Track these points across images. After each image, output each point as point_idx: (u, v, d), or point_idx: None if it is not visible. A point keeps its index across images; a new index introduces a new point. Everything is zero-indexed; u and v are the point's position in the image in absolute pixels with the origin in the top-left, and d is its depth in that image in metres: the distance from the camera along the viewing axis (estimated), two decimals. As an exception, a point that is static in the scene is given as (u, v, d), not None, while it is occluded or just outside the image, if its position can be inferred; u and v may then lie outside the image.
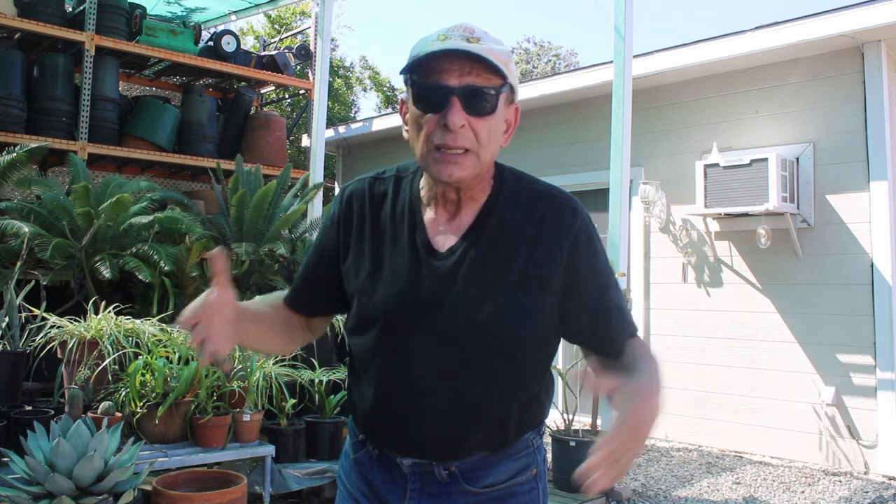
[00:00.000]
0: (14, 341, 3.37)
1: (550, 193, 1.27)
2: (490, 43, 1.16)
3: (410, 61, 1.16)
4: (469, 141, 1.16)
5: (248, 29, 13.51)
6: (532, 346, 1.23)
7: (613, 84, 4.58)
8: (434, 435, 1.23)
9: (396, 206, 1.29)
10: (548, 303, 1.21)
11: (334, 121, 11.54)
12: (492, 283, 1.20)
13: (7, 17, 5.15)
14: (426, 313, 1.20)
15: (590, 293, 1.24)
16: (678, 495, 4.34)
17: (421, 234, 1.25)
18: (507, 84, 1.18)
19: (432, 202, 1.27)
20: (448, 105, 1.14)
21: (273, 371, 3.55)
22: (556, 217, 1.23)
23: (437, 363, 1.20)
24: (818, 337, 5.18)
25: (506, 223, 1.23)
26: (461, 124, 1.14)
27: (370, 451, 1.32)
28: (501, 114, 1.20)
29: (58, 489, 2.38)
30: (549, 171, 6.66)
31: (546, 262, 1.21)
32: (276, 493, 3.45)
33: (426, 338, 1.20)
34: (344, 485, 1.38)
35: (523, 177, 1.30)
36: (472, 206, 1.25)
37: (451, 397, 1.21)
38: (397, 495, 1.28)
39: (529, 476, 1.31)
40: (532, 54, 23.59)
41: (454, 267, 1.21)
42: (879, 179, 4.96)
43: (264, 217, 5.15)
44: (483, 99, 1.15)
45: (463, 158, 1.16)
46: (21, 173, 4.50)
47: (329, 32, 6.68)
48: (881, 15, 4.72)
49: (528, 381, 1.25)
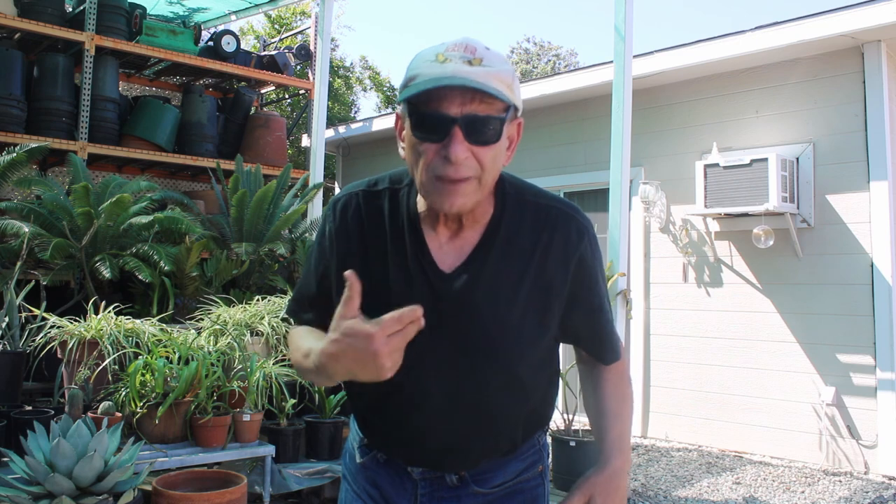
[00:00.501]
0: (14, 341, 3.37)
1: (556, 210, 1.23)
2: (493, 62, 1.09)
3: (409, 90, 1.08)
4: (472, 170, 1.10)
5: (248, 29, 13.51)
6: (540, 361, 1.25)
7: (613, 84, 4.58)
8: (444, 450, 1.24)
9: (395, 224, 1.23)
10: (553, 321, 1.23)
11: (334, 121, 11.54)
12: (501, 305, 1.19)
13: (7, 17, 5.15)
14: (434, 336, 1.14)
15: (586, 311, 1.27)
16: (678, 495, 4.34)
17: (425, 255, 1.20)
18: (512, 107, 1.12)
19: (433, 221, 1.21)
20: (450, 136, 1.07)
21: (273, 371, 3.55)
22: (563, 237, 1.21)
23: (444, 383, 1.20)
24: (818, 337, 5.18)
25: (512, 243, 1.20)
26: (465, 156, 1.08)
27: (377, 456, 1.32)
28: (505, 135, 1.14)
29: (58, 489, 2.38)
30: (549, 171, 6.66)
31: (552, 282, 1.21)
32: (276, 493, 3.45)
33: (434, 359, 1.19)
34: (350, 485, 1.37)
35: (525, 188, 1.26)
36: (475, 225, 1.21)
37: (461, 415, 1.21)
38: (406, 499, 1.28)
39: (536, 472, 1.33)
40: (532, 54, 23.59)
41: (463, 289, 1.18)
42: (879, 179, 4.96)
43: (264, 217, 5.15)
44: (487, 128, 1.09)
45: (466, 187, 1.11)
46: (21, 173, 4.50)
47: (329, 32, 6.68)
48: (881, 15, 4.72)
49: (536, 394, 1.28)
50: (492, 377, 1.20)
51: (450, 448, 1.24)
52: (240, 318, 3.87)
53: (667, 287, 6.00)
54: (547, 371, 1.29)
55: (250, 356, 3.49)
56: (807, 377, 5.19)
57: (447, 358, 1.18)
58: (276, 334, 3.86)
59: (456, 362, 1.19)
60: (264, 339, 3.85)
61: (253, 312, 3.96)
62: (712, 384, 5.66)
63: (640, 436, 6.01)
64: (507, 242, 1.20)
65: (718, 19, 48.58)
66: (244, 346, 3.61)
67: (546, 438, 1.38)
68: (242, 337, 3.67)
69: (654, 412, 5.98)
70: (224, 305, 4.05)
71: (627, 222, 4.71)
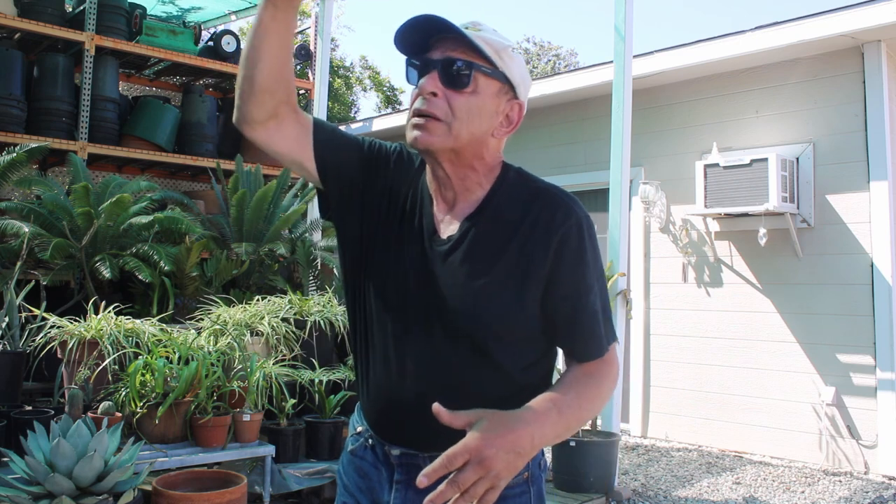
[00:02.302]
0: (14, 341, 3.37)
1: (549, 192, 1.26)
2: (489, 34, 1.20)
3: (400, 32, 1.20)
4: (441, 110, 1.18)
5: (248, 29, 13.51)
6: (518, 337, 1.22)
7: (613, 84, 4.58)
8: (418, 422, 1.21)
9: (416, 192, 1.31)
10: (531, 296, 1.21)
11: (334, 121, 11.54)
12: (481, 272, 1.21)
13: (7, 17, 5.15)
14: (421, 297, 1.23)
15: (566, 295, 1.21)
16: (678, 495, 4.34)
17: (428, 221, 1.27)
18: (495, 69, 1.20)
19: (433, 189, 1.29)
20: (427, 75, 1.20)
21: (273, 371, 3.55)
22: (549, 215, 1.22)
23: (421, 349, 1.23)
24: (818, 337, 5.18)
25: (501, 217, 1.24)
26: (431, 90, 1.18)
27: (364, 440, 1.34)
28: (487, 96, 1.21)
29: (58, 489, 2.38)
30: (549, 171, 6.66)
31: (534, 257, 1.21)
32: (276, 493, 3.45)
33: (418, 322, 1.23)
34: (341, 479, 1.39)
35: (528, 176, 1.30)
36: (469, 199, 1.26)
37: (435, 381, 1.22)
38: (385, 487, 1.29)
39: (520, 480, 1.29)
40: (532, 54, 23.59)
41: (447, 253, 1.23)
42: (879, 179, 4.96)
43: (264, 217, 5.15)
44: (459, 71, 1.18)
45: (432, 125, 1.18)
46: (21, 173, 4.51)
47: (329, 32, 6.68)
48: (881, 15, 4.72)
49: (515, 375, 1.24)
50: (468, 339, 1.20)
51: (424, 420, 1.19)
52: (240, 318, 3.87)
53: (667, 287, 6.00)
54: (527, 353, 1.25)
55: (250, 356, 3.49)
56: (807, 377, 5.19)
57: (425, 321, 1.22)
58: (276, 334, 3.86)
59: (431, 327, 1.22)
60: (264, 339, 3.85)
61: (253, 312, 3.96)
62: (712, 384, 5.66)
63: (640, 436, 6.01)
64: (495, 216, 1.24)
65: (718, 19, 48.59)
66: (244, 346, 3.61)
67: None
68: (242, 337, 3.67)
69: (654, 412, 5.98)
70: (224, 305, 4.05)
71: (627, 222, 4.70)
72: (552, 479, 4.15)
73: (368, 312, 1.29)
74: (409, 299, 1.24)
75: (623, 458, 5.17)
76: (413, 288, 1.24)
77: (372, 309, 1.28)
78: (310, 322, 3.97)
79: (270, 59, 1.14)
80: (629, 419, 6.06)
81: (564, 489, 4.08)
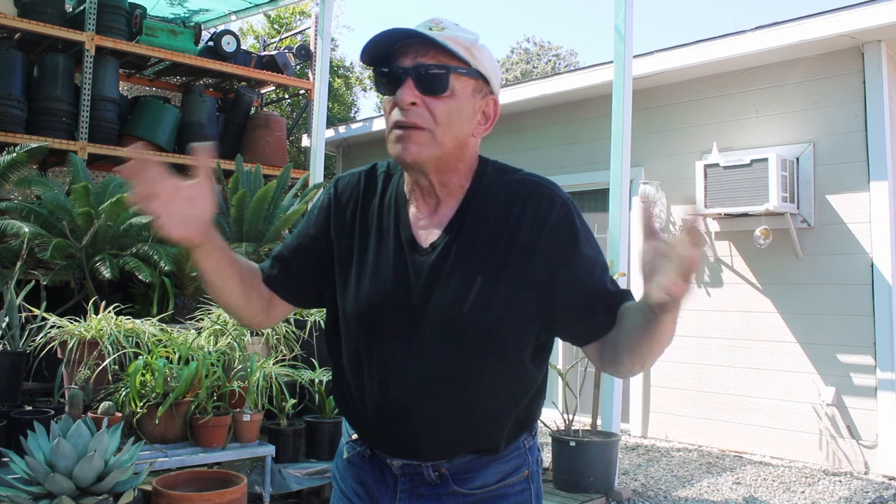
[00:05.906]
0: (14, 341, 3.37)
1: (529, 182, 1.25)
2: (454, 31, 1.17)
3: (364, 50, 1.19)
4: (423, 119, 1.16)
5: (248, 29, 13.50)
6: (515, 339, 1.21)
7: (613, 84, 4.58)
8: (418, 433, 1.22)
9: (384, 203, 1.28)
10: (527, 295, 1.19)
11: (334, 121, 11.54)
12: (472, 277, 1.19)
13: (7, 17, 5.15)
14: (410, 309, 1.20)
15: (576, 279, 1.20)
16: (678, 495, 4.34)
17: (405, 230, 1.24)
18: (469, 67, 1.17)
19: (413, 197, 1.26)
20: (401, 85, 1.16)
21: (273, 371, 3.55)
22: (534, 207, 1.21)
23: (420, 359, 1.20)
24: (818, 337, 5.18)
25: (485, 217, 1.22)
26: (410, 101, 1.15)
27: (363, 451, 1.32)
28: (464, 97, 1.18)
29: (58, 489, 2.38)
30: (549, 171, 6.62)
31: (524, 254, 1.19)
32: (276, 493, 3.45)
33: (410, 334, 1.20)
34: (338, 483, 1.37)
35: (506, 169, 1.28)
36: (451, 200, 1.24)
37: (435, 393, 1.20)
38: (388, 496, 1.28)
39: (521, 477, 1.29)
40: (532, 54, 23.60)
41: (436, 262, 1.21)
42: (879, 179, 4.96)
43: (264, 217, 5.15)
44: (434, 77, 1.15)
45: (415, 135, 1.16)
46: (21, 173, 4.50)
47: (329, 32, 6.68)
48: (881, 15, 4.72)
49: (514, 379, 1.23)
50: (465, 348, 1.18)
51: (424, 431, 1.22)
52: (240, 318, 3.86)
53: (667, 287, 5.99)
54: (532, 372, 1.25)
55: (250, 356, 3.49)
56: (807, 377, 5.19)
57: (421, 332, 1.19)
58: (276, 334, 3.86)
59: (427, 337, 1.19)
60: (264, 339, 3.85)
61: (253, 312, 3.95)
62: (712, 384, 5.66)
63: (640, 436, 6.01)
64: (480, 217, 1.22)
65: (718, 19, 48.61)
66: (244, 346, 3.61)
67: (535, 441, 1.34)
68: (242, 337, 3.67)
69: (654, 412, 5.98)
70: (224, 305, 4.03)
71: (627, 222, 4.70)
72: (552, 479, 4.16)
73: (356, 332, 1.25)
74: (395, 313, 1.21)
75: (623, 458, 5.17)
76: (401, 301, 1.21)
77: (363, 326, 1.24)
78: (310, 322, 3.97)
79: (233, 292, 1.28)
80: (629, 419, 6.06)
81: (564, 489, 4.08)
